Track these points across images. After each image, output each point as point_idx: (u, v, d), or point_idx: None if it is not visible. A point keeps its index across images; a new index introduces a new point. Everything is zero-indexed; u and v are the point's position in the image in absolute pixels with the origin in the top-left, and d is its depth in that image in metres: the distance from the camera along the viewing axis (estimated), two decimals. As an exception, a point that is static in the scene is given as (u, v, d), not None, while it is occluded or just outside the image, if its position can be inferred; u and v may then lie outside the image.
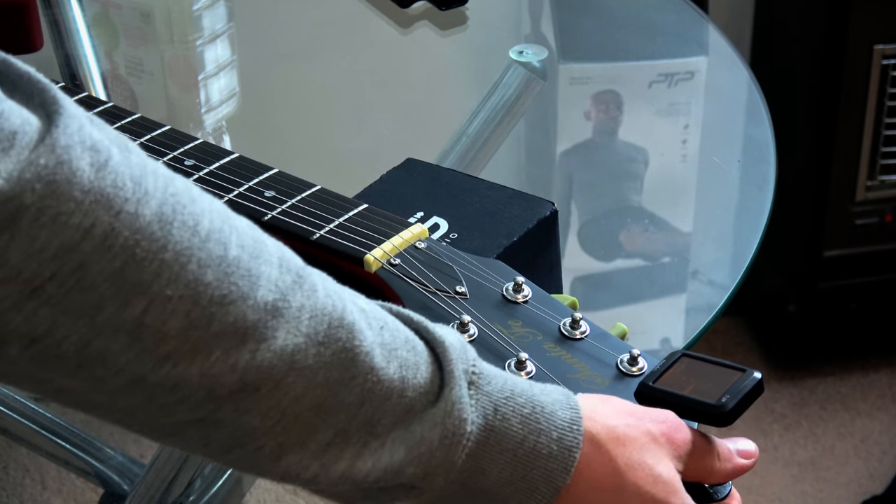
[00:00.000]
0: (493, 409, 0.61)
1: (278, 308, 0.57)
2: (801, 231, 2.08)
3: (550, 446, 0.61)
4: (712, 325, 0.90)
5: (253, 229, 0.59)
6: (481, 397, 0.61)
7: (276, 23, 1.31)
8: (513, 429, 0.61)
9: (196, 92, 1.21)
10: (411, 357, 0.60)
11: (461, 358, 0.61)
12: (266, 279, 0.57)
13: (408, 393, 0.60)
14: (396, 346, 0.60)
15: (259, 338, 0.56)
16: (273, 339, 0.56)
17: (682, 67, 1.24)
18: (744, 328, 2.26)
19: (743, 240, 1.00)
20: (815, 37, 1.99)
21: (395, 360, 0.60)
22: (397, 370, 0.59)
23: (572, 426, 0.62)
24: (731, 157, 1.14)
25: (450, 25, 1.26)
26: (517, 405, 0.61)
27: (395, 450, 0.59)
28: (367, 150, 1.10)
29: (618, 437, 0.63)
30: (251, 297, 0.56)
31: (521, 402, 0.61)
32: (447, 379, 0.60)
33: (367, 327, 0.59)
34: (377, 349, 0.59)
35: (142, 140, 0.86)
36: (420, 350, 0.61)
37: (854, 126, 1.98)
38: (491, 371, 0.62)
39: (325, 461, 0.59)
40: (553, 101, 1.22)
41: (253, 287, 0.56)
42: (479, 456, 0.60)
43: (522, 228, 0.82)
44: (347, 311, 0.59)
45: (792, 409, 2.13)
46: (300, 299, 0.58)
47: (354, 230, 0.77)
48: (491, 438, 0.61)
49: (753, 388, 0.66)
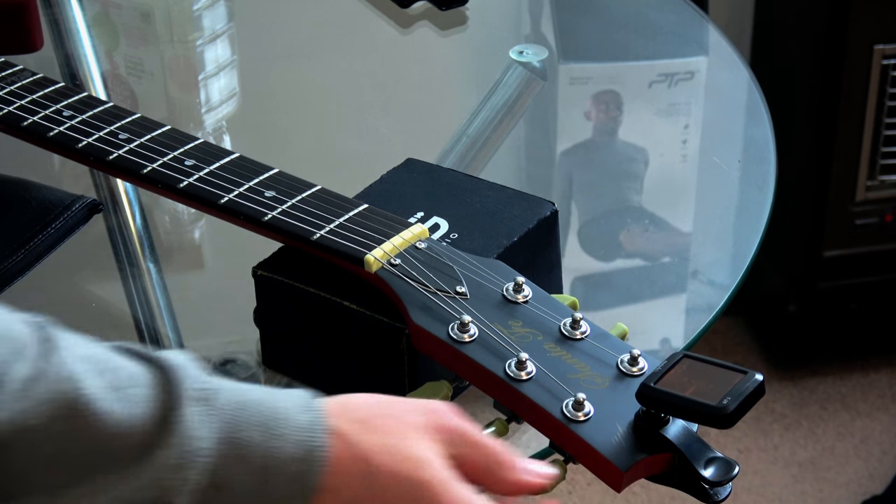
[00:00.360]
0: (225, 423, 0.61)
1: None
2: (801, 231, 2.08)
3: (291, 450, 0.61)
4: (712, 326, 0.90)
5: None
6: (214, 412, 0.61)
7: (276, 23, 1.31)
8: (250, 438, 0.61)
9: (196, 92, 1.21)
10: (139, 391, 0.61)
11: (188, 377, 0.61)
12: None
13: (142, 427, 0.60)
14: (121, 386, 0.60)
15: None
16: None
17: (682, 67, 1.24)
18: (744, 328, 2.26)
19: (743, 240, 1.00)
20: (815, 37, 1.99)
21: (122, 399, 0.60)
22: (125, 408, 0.60)
23: (313, 426, 0.62)
24: (732, 157, 1.14)
25: (450, 25, 1.26)
26: (252, 415, 0.62)
27: (133, 479, 0.59)
28: (367, 150, 1.10)
29: (368, 427, 0.63)
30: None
31: (255, 412, 0.62)
32: (175, 402, 0.61)
33: (88, 376, 0.60)
34: (101, 394, 0.59)
35: (142, 140, 0.86)
36: (147, 382, 0.61)
37: (854, 126, 1.98)
38: (222, 385, 0.62)
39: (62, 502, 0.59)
40: (553, 101, 1.22)
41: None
42: (220, 471, 0.60)
43: (523, 228, 0.82)
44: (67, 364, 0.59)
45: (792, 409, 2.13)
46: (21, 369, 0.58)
47: (355, 230, 0.77)
48: (229, 452, 0.61)
49: (755, 391, 0.66)
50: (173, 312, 0.92)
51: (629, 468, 0.67)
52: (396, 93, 1.23)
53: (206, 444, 0.60)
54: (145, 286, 0.94)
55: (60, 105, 0.89)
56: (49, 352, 0.60)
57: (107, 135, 0.86)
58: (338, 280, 0.77)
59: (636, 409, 0.68)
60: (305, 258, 0.78)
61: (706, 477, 0.67)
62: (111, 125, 0.87)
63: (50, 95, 0.90)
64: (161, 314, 0.92)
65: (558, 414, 0.68)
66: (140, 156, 0.84)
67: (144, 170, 0.83)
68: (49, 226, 0.88)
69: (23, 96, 0.90)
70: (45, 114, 0.88)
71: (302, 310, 0.78)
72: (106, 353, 0.62)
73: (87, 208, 0.90)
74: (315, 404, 0.63)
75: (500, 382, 0.70)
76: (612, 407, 0.68)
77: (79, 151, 0.86)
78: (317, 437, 0.62)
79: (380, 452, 0.62)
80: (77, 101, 0.89)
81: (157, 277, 0.95)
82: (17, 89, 0.91)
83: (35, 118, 0.88)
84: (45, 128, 0.87)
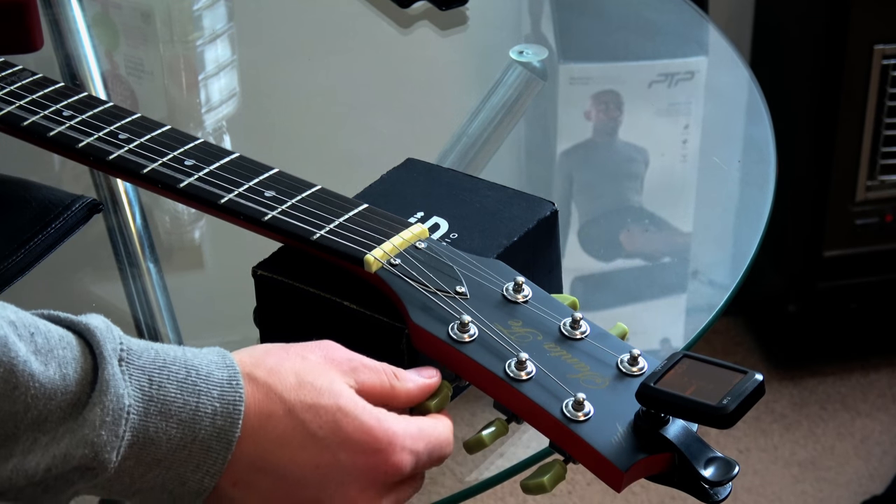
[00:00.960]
0: (147, 380, 0.63)
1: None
2: (801, 231, 2.08)
3: (213, 404, 0.64)
4: (712, 325, 0.90)
5: None
6: (134, 371, 0.63)
7: (276, 23, 1.31)
8: (171, 395, 0.64)
9: (196, 92, 1.21)
10: (67, 353, 0.63)
11: (108, 338, 0.64)
12: None
13: (70, 388, 0.62)
14: (51, 348, 0.63)
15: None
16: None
17: (682, 67, 1.24)
18: (744, 328, 2.26)
19: (743, 240, 1.00)
20: (815, 37, 1.99)
21: (52, 360, 0.62)
22: (56, 370, 0.62)
23: (231, 381, 0.65)
24: (732, 157, 1.14)
25: (450, 25, 1.26)
26: (171, 372, 0.64)
27: (61, 439, 0.62)
28: (367, 150, 1.10)
29: (278, 371, 0.66)
30: None
31: (174, 370, 0.64)
32: (99, 361, 0.63)
33: (18, 339, 0.62)
34: (32, 356, 0.61)
35: (142, 140, 0.86)
36: (73, 344, 0.63)
37: (854, 126, 1.98)
38: (141, 345, 0.65)
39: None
40: (553, 101, 1.22)
41: None
42: (145, 427, 0.63)
43: (523, 228, 0.82)
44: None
45: (792, 409, 2.13)
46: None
47: (354, 230, 0.77)
48: (151, 408, 0.63)
49: (755, 391, 0.66)
50: (173, 312, 0.92)
51: (629, 468, 0.66)
52: (396, 93, 1.23)
53: (132, 400, 0.62)
54: (145, 286, 0.94)
55: (60, 105, 0.89)
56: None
57: (107, 135, 0.86)
58: (338, 280, 0.77)
59: (636, 409, 0.68)
60: (305, 258, 0.78)
61: (706, 477, 0.67)
62: (111, 125, 0.87)
63: (50, 95, 0.90)
64: (161, 314, 0.92)
65: (558, 414, 0.68)
66: (140, 156, 0.84)
67: (144, 170, 0.83)
68: (49, 226, 0.88)
69: (23, 96, 0.90)
70: (45, 114, 0.88)
71: (302, 310, 0.78)
72: (31, 318, 0.64)
73: (87, 208, 0.90)
74: (231, 360, 0.66)
75: (500, 382, 0.70)
76: (611, 407, 0.68)
77: (79, 151, 0.85)
78: (237, 390, 0.65)
79: (294, 391, 0.66)
80: (77, 101, 0.89)
81: (157, 277, 0.95)
82: (17, 89, 0.91)
83: (35, 118, 0.88)
84: (45, 128, 0.87)
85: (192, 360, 0.65)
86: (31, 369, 0.61)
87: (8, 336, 0.61)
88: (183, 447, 0.64)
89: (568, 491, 1.99)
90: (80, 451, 0.62)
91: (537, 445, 0.74)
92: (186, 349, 0.66)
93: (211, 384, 0.64)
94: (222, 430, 0.64)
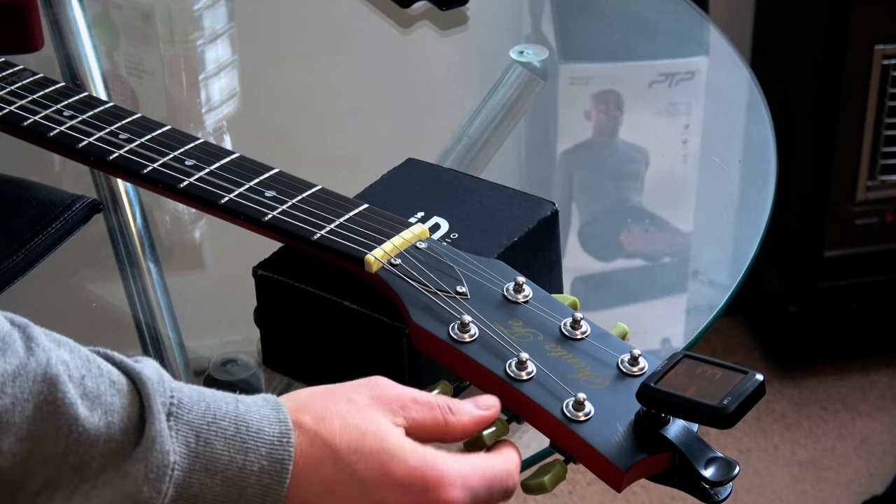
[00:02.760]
0: (195, 437, 0.63)
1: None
2: (801, 231, 2.08)
3: (260, 462, 0.63)
4: (713, 325, 0.90)
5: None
6: (181, 426, 0.63)
7: (276, 23, 1.31)
8: (217, 451, 0.63)
9: (196, 92, 1.21)
10: (115, 401, 0.62)
11: (158, 391, 0.63)
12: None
13: (114, 437, 0.61)
14: (100, 393, 0.62)
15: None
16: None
17: (682, 67, 1.24)
18: (744, 328, 2.26)
19: (743, 240, 1.00)
20: (815, 37, 1.99)
21: (98, 406, 0.62)
22: (102, 417, 0.61)
23: (282, 439, 0.64)
24: (732, 157, 1.14)
25: (450, 25, 1.26)
26: (220, 428, 0.63)
27: (104, 490, 0.61)
28: (367, 150, 1.10)
29: (325, 417, 0.65)
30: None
31: (223, 425, 0.63)
32: (147, 415, 0.62)
33: (69, 379, 0.61)
34: (79, 400, 0.61)
35: (142, 140, 0.86)
36: (124, 391, 0.63)
37: (854, 126, 1.98)
38: (193, 397, 0.64)
39: None
40: (553, 101, 1.22)
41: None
42: (189, 484, 0.62)
43: (523, 228, 0.82)
44: (51, 366, 0.61)
45: (792, 409, 2.13)
46: (2, 365, 0.60)
47: (355, 230, 0.77)
48: (196, 464, 0.62)
49: (755, 391, 0.65)
50: (173, 312, 0.92)
51: (629, 468, 0.66)
52: (396, 93, 1.23)
53: (177, 457, 0.62)
54: (145, 286, 0.94)
55: (61, 105, 0.89)
56: (31, 351, 0.61)
57: (107, 135, 0.86)
58: (338, 280, 0.77)
59: (636, 409, 0.68)
60: (306, 258, 0.78)
61: (706, 477, 0.67)
62: (111, 125, 0.87)
63: (50, 95, 0.90)
64: (161, 314, 0.92)
65: (559, 414, 0.68)
66: (140, 156, 0.84)
67: (145, 170, 0.83)
68: (49, 225, 0.88)
69: (23, 96, 0.90)
70: (45, 114, 0.88)
71: (302, 310, 0.78)
72: (85, 360, 0.63)
73: (87, 208, 0.90)
74: (284, 414, 0.65)
75: (501, 382, 0.70)
76: (612, 407, 0.68)
77: (79, 151, 0.86)
78: (286, 448, 0.64)
79: (340, 435, 0.64)
80: (77, 101, 0.89)
81: (158, 277, 0.95)
82: (17, 89, 0.91)
83: (36, 118, 0.88)
84: (45, 127, 0.87)
85: (244, 415, 0.64)
86: (77, 413, 0.61)
87: (59, 376, 0.61)
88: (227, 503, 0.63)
89: (568, 491, 1.99)
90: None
91: (538, 445, 0.74)
92: (240, 400, 0.65)
93: (260, 441, 0.63)
94: (269, 488, 0.63)
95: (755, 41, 2.17)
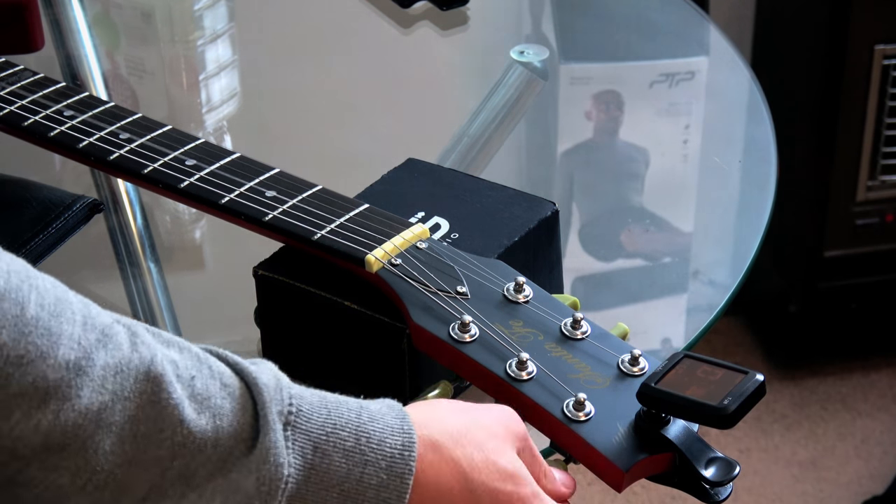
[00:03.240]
0: (312, 448, 0.60)
1: (81, 367, 0.56)
2: (801, 231, 2.08)
3: (379, 475, 0.61)
4: (713, 325, 0.90)
5: (56, 287, 0.59)
6: (299, 437, 0.60)
7: (276, 23, 1.31)
8: (335, 464, 0.60)
9: (197, 92, 1.21)
10: (226, 405, 0.60)
11: (276, 399, 0.60)
12: (68, 338, 0.57)
13: (223, 442, 0.59)
14: (210, 395, 0.59)
15: (62, 397, 0.56)
16: (77, 397, 0.56)
17: (682, 67, 1.24)
18: (744, 328, 2.26)
19: (744, 240, 1.00)
20: (815, 37, 1.99)
21: (207, 410, 0.59)
22: (210, 420, 0.59)
23: (403, 452, 0.61)
24: (732, 157, 1.14)
25: (451, 25, 1.26)
26: (339, 439, 0.61)
27: (211, 499, 0.59)
28: (367, 150, 1.10)
29: (457, 439, 0.63)
30: (51, 356, 0.56)
31: (343, 436, 0.61)
32: (262, 424, 0.60)
33: (176, 379, 0.59)
34: (187, 401, 0.58)
35: (142, 140, 0.86)
36: (236, 395, 0.60)
37: (855, 126, 1.98)
38: (313, 403, 0.61)
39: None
40: (554, 101, 1.22)
41: (53, 346, 0.56)
42: (302, 497, 0.60)
43: (523, 228, 0.82)
44: (156, 364, 0.58)
45: (793, 409, 2.13)
46: (104, 357, 0.57)
47: (355, 230, 0.77)
48: (312, 478, 0.60)
49: (755, 391, 0.66)
50: (174, 312, 0.92)
51: (630, 468, 0.67)
52: (397, 93, 1.23)
53: (292, 469, 0.59)
54: (146, 286, 0.94)
55: (61, 105, 0.89)
56: (134, 346, 0.59)
57: (108, 135, 0.86)
58: (338, 280, 0.77)
59: (637, 409, 0.68)
60: (306, 258, 0.78)
61: (707, 477, 0.67)
62: (112, 125, 0.87)
63: (51, 95, 0.90)
64: (161, 314, 0.92)
65: (559, 414, 0.68)
66: (141, 156, 0.84)
67: (145, 170, 0.83)
68: (50, 226, 0.88)
69: (24, 96, 0.90)
70: (45, 114, 0.88)
71: (303, 310, 0.78)
72: (197, 360, 0.60)
73: (87, 208, 0.90)
74: (408, 425, 0.63)
75: (501, 382, 0.70)
76: (612, 407, 0.68)
77: (80, 151, 0.86)
78: (408, 462, 0.61)
79: (476, 468, 0.63)
80: (78, 101, 0.89)
81: (158, 277, 0.95)
82: (17, 89, 0.91)
83: (36, 118, 0.88)
84: (46, 128, 0.87)
85: (366, 425, 0.61)
86: (183, 415, 0.58)
87: (165, 374, 0.58)
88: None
89: (568, 491, 1.99)
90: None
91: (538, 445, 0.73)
92: (363, 407, 0.62)
93: (381, 454, 0.61)
94: (387, 500, 0.61)
95: (755, 41, 2.17)
